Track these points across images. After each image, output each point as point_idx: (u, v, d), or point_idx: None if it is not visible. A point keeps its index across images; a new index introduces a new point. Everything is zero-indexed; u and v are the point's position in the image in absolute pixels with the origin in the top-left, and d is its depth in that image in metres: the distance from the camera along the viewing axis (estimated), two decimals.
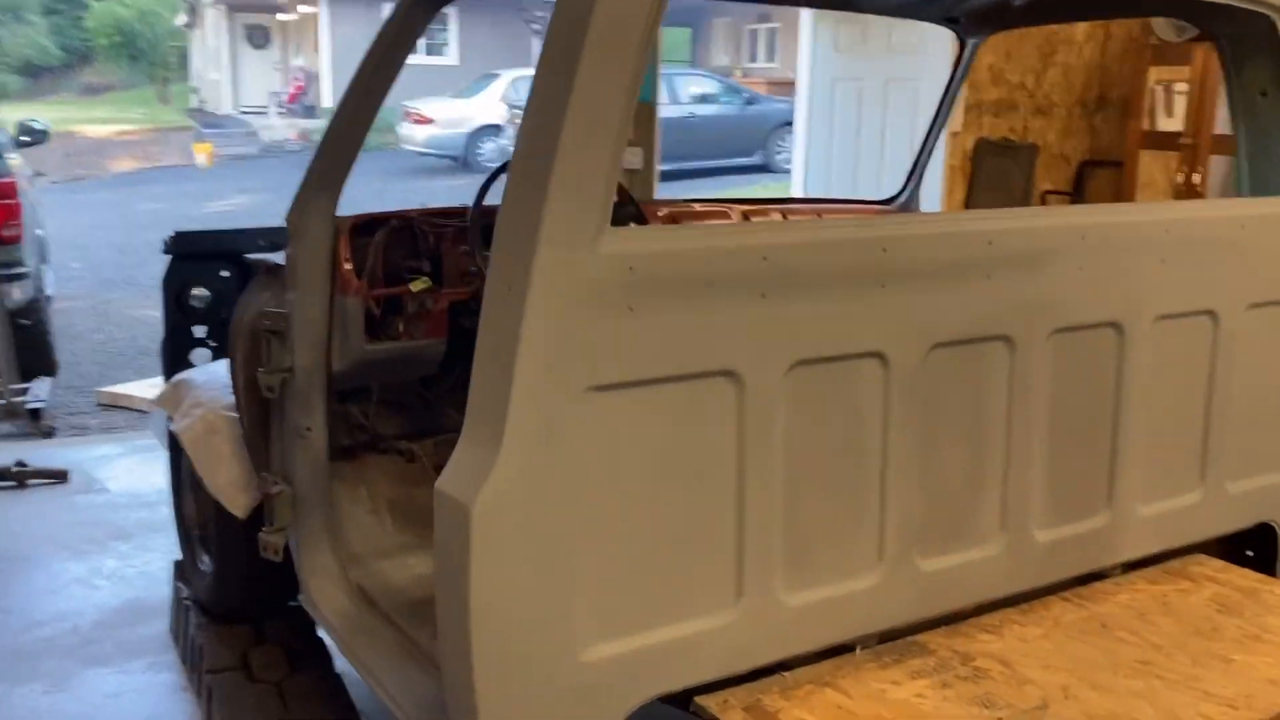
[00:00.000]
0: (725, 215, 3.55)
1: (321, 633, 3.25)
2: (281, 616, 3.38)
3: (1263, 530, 2.77)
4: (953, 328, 2.15)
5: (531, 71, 1.93)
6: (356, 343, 2.85)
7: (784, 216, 3.53)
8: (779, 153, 18.29)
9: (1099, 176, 7.31)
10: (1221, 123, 6.61)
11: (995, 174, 6.93)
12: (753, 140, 19.11)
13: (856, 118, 6.25)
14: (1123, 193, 7.03)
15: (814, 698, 2.04)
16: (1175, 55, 6.68)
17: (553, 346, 1.74)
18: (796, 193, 6.80)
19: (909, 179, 3.88)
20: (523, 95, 5.90)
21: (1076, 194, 7.28)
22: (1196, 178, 6.53)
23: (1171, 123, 6.88)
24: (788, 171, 13.61)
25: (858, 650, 2.19)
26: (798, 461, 2.03)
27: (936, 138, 3.82)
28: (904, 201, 3.83)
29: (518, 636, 1.80)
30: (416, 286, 2.92)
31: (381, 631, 2.69)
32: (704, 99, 19.14)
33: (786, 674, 2.11)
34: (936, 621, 2.29)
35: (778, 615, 2.06)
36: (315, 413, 2.82)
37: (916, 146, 5.67)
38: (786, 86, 15.55)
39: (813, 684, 2.09)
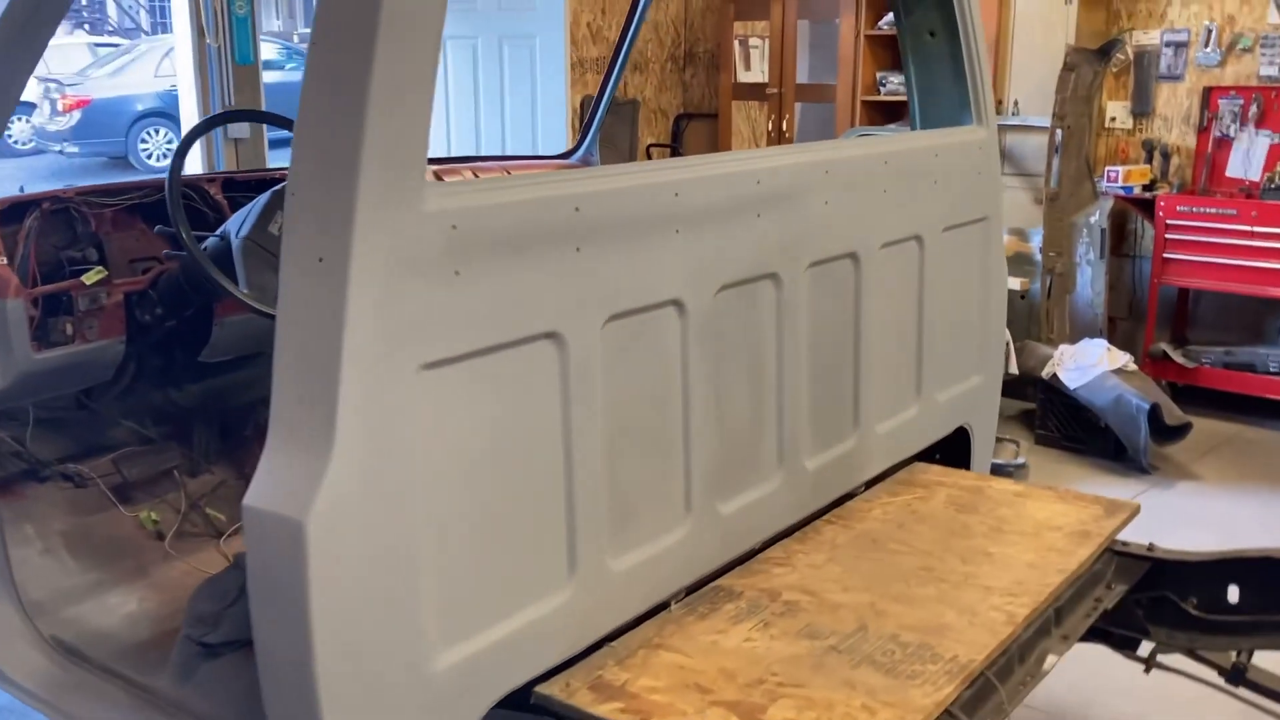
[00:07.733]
0: None
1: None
2: None
3: (958, 433, 3.04)
4: (734, 269, 2.15)
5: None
6: (22, 354, 2.38)
7: (474, 174, 3.35)
8: None
9: (695, 128, 7.72)
10: (802, 72, 7.18)
11: (603, 129, 7.12)
12: None
13: (473, 78, 6.12)
14: (719, 142, 7.46)
15: (652, 661, 1.97)
16: (754, 10, 7.15)
17: (380, 324, 1.52)
18: None
19: (584, 134, 3.85)
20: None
21: (676, 145, 7.63)
22: (785, 124, 7.07)
23: (751, 75, 7.38)
24: None
25: (673, 606, 2.15)
26: (615, 421, 1.94)
27: (610, 93, 3.82)
28: (582, 156, 3.79)
29: (366, 658, 1.58)
30: (90, 279, 2.47)
31: (102, 686, 2.29)
32: (268, 65, 18.10)
33: (614, 644, 2.03)
34: (732, 564, 2.31)
35: (607, 585, 1.97)
36: None
37: (537, 103, 5.66)
38: None
39: (644, 648, 2.02)
